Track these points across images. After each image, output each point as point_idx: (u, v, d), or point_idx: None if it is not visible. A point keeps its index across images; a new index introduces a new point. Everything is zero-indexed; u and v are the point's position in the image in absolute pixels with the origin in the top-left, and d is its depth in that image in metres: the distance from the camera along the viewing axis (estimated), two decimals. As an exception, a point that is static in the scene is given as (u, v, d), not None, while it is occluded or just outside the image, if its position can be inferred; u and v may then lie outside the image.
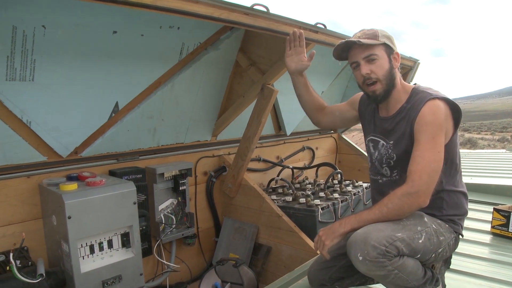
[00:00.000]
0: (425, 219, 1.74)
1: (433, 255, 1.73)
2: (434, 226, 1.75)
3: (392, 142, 1.85)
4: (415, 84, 1.90)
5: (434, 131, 1.67)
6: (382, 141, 1.90)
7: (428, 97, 1.72)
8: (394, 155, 1.83)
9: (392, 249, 1.59)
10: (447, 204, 1.81)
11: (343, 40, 1.82)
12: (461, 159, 1.90)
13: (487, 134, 36.84)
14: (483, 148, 20.07)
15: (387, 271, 1.61)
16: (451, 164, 1.80)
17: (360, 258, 1.60)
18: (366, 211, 1.73)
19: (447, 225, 1.80)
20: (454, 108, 1.73)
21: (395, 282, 1.66)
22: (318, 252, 1.79)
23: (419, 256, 1.68)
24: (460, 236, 1.88)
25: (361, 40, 1.75)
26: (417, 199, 1.64)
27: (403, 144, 1.78)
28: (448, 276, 2.03)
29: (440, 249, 1.74)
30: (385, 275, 1.63)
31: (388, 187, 1.85)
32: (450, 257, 1.96)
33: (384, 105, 1.88)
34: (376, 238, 1.58)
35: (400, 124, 1.80)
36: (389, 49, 1.80)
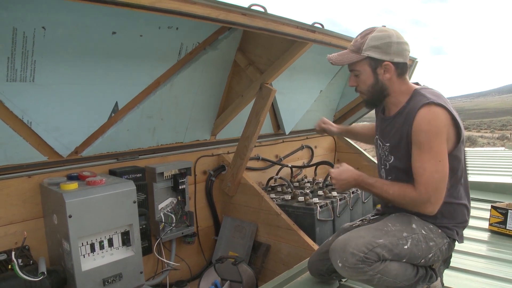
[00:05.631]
0: (413, 225, 1.72)
1: (423, 260, 1.72)
2: (423, 231, 1.72)
3: (388, 144, 1.82)
4: (417, 83, 1.83)
5: (431, 140, 1.59)
6: (380, 142, 1.89)
7: (423, 102, 1.63)
8: (392, 157, 1.81)
9: (371, 255, 1.60)
10: (443, 214, 1.76)
11: (327, 58, 1.83)
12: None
13: (486, 132, 36.81)
14: (482, 146, 20.06)
15: (369, 276, 1.62)
16: (450, 176, 1.70)
17: (340, 264, 1.63)
18: (379, 181, 1.79)
19: (439, 230, 1.77)
20: (453, 118, 1.63)
21: (382, 285, 1.67)
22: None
23: (404, 261, 1.68)
24: (456, 242, 1.85)
25: (336, 61, 1.78)
26: (424, 209, 1.66)
27: (402, 149, 1.73)
28: (446, 274, 2.04)
29: (431, 254, 1.73)
30: (368, 279, 1.65)
31: None
32: (450, 257, 1.95)
33: (387, 106, 1.87)
34: (355, 245, 1.61)
35: (397, 127, 1.76)
36: (374, 62, 1.72)
